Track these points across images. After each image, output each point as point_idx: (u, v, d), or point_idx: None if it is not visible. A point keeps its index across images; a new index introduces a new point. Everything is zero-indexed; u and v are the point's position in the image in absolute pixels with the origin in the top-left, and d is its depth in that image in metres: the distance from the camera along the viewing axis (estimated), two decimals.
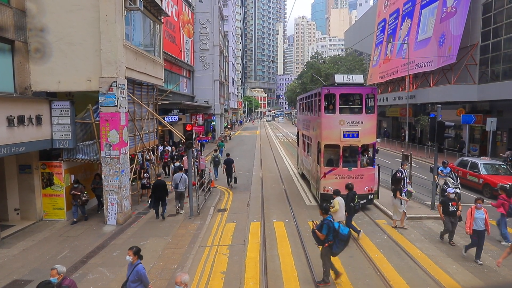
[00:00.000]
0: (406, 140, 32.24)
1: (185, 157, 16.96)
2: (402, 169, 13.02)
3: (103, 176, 12.38)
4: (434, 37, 30.07)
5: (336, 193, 10.36)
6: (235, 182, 18.24)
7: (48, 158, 12.76)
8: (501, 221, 10.36)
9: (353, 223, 10.94)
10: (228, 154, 19.54)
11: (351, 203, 10.31)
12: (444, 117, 15.43)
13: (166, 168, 20.97)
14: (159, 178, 13.30)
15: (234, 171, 18.29)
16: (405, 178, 12.94)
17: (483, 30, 25.62)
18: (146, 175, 15.19)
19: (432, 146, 28.82)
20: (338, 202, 10.01)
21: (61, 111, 12.24)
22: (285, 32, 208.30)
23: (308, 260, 9.15)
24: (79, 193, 12.31)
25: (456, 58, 26.16)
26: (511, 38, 23.15)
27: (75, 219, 12.41)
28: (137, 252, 6.40)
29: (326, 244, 7.69)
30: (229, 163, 18.20)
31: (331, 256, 7.87)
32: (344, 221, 10.09)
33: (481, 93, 25.01)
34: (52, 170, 12.63)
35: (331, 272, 7.96)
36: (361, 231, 10.79)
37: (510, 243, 9.33)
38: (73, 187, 12.40)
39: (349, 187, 10.66)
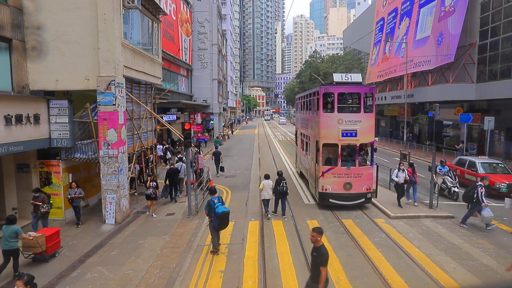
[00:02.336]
0: (405, 139, 32.34)
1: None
2: (481, 183, 11.51)
3: (101, 175, 12.35)
4: (433, 36, 30.10)
5: (266, 177, 13.10)
6: (222, 170, 20.82)
7: (46, 157, 12.74)
8: (412, 189, 13.73)
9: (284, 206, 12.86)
10: (216, 147, 23.28)
11: (277, 187, 12.47)
12: (442, 116, 15.49)
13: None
14: (172, 166, 15.33)
15: (222, 162, 21.14)
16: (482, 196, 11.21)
17: (481, 29, 25.65)
18: (153, 184, 13.00)
19: (430, 145, 28.89)
20: (264, 184, 12.75)
21: (59, 110, 12.20)
22: (284, 31, 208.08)
23: (306, 259, 9.14)
24: (40, 203, 10.67)
25: (454, 57, 26.20)
26: (509, 37, 23.19)
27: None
28: (29, 282, 5.40)
29: (210, 220, 9.65)
30: (217, 155, 21.13)
31: (218, 231, 9.79)
32: (271, 199, 12.83)
33: (479, 92, 25.07)
34: (50, 169, 12.59)
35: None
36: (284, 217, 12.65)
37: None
38: (33, 197, 10.84)
39: (278, 173, 13.15)
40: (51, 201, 11.53)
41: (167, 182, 14.84)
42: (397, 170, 13.62)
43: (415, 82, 34.14)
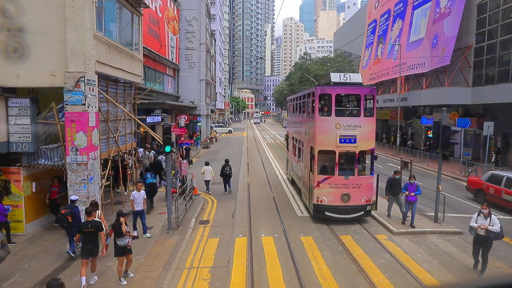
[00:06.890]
0: (398, 143, 31.42)
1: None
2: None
3: (68, 185, 10.83)
4: (427, 38, 29.32)
5: (206, 163, 16.81)
6: (191, 163, 23.20)
7: (5, 164, 11.14)
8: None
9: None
10: (187, 145, 25.69)
11: (222, 171, 16.41)
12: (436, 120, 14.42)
13: None
14: (157, 158, 17.63)
15: (190, 156, 25.04)
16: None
17: (477, 31, 24.92)
18: (133, 233, 10.42)
19: (425, 151, 28.03)
20: (205, 169, 16.36)
21: (20, 109, 10.67)
22: (273, 33, 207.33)
23: (302, 286, 7.85)
24: None
25: (450, 59, 25.37)
26: (506, 40, 22.44)
27: None
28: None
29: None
30: (187, 150, 24.44)
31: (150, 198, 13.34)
32: (209, 181, 16.55)
33: (475, 96, 24.32)
34: (9, 177, 11.00)
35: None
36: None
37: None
38: None
39: (225, 160, 17.06)
40: None
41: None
42: (476, 214, 8.97)
43: (408, 85, 33.37)
